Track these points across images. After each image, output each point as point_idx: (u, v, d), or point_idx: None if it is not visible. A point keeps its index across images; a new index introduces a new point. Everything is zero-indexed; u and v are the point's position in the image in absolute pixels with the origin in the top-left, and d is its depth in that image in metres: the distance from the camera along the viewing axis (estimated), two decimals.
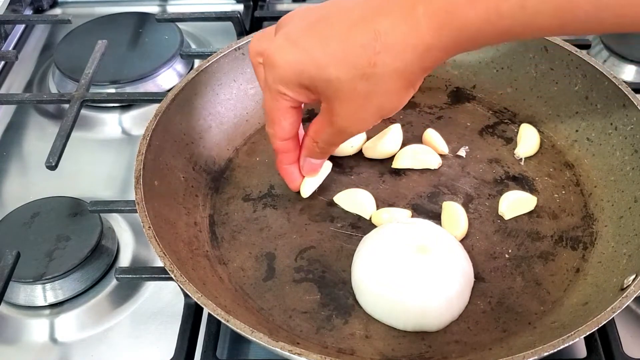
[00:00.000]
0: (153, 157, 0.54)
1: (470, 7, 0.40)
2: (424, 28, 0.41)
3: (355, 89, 0.44)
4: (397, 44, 0.42)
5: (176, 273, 0.45)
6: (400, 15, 0.42)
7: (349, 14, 0.44)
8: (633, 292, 0.43)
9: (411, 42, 0.42)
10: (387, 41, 0.42)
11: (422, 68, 0.44)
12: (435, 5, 0.41)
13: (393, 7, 0.42)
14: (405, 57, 0.42)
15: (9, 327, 0.55)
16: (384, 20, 0.42)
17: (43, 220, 0.59)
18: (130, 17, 0.83)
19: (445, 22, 0.41)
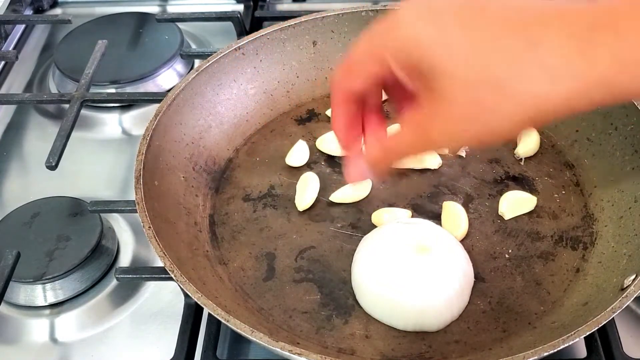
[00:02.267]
0: (153, 157, 0.54)
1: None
2: (602, 59, 0.34)
3: (479, 95, 0.36)
4: (558, 69, 0.35)
5: (176, 273, 0.45)
6: (571, 37, 0.34)
7: (506, 13, 0.36)
8: (633, 292, 0.43)
9: (577, 70, 0.34)
10: (541, 58, 0.35)
11: (570, 105, 0.36)
12: (626, 41, 0.33)
13: (564, 24, 0.35)
14: (562, 85, 0.35)
15: (9, 327, 0.55)
16: (549, 34, 0.35)
17: (43, 220, 0.59)
18: (130, 17, 0.83)
19: (629, 60, 0.34)
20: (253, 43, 0.63)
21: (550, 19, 0.36)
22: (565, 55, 0.34)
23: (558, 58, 0.34)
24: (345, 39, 0.66)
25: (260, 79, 0.65)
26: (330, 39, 0.66)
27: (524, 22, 0.36)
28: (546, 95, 0.35)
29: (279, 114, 0.65)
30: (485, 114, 0.37)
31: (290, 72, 0.66)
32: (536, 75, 0.35)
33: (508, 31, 0.36)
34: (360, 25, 0.66)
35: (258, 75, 0.64)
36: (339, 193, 0.57)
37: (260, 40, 0.64)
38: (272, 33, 0.64)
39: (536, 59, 0.35)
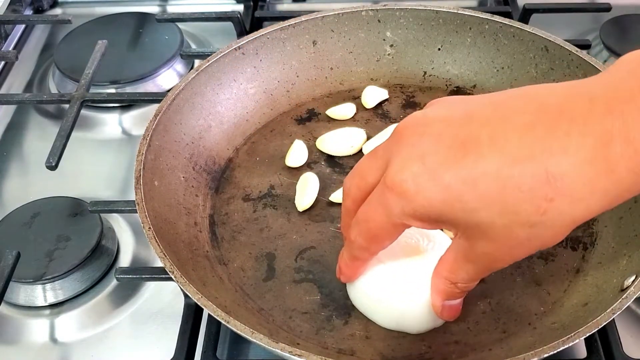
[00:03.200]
0: (153, 157, 0.54)
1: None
2: (622, 171, 0.34)
3: (513, 234, 0.37)
4: (578, 190, 0.34)
5: (176, 273, 0.45)
6: (585, 156, 0.34)
7: (507, 143, 0.35)
8: (633, 293, 0.43)
9: (601, 186, 0.34)
10: (564, 186, 0.34)
11: (602, 208, 0.36)
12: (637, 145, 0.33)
13: (571, 144, 0.34)
14: (589, 203, 0.35)
15: (9, 327, 0.55)
16: (560, 159, 0.34)
17: (43, 220, 0.59)
18: (130, 17, 0.83)
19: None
20: (253, 43, 0.63)
21: (561, 141, 0.34)
22: (588, 182, 0.34)
23: (582, 188, 0.35)
24: (345, 38, 0.66)
25: (260, 78, 0.65)
26: (330, 39, 0.66)
27: (531, 155, 0.35)
28: (580, 215, 0.36)
29: (279, 114, 0.65)
30: (526, 244, 0.38)
31: (290, 72, 0.66)
32: (566, 206, 0.35)
33: (521, 169, 0.35)
34: (361, 25, 0.66)
35: (258, 75, 0.64)
36: (339, 193, 0.57)
37: (260, 40, 0.64)
38: (272, 33, 0.64)
39: (558, 192, 0.35)
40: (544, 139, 0.35)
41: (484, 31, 0.64)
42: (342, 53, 0.67)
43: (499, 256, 0.39)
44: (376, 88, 0.66)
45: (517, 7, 0.81)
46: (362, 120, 0.64)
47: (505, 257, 0.39)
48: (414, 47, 0.67)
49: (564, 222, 0.36)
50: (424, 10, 0.65)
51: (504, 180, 0.35)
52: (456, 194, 0.36)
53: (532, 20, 0.75)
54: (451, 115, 0.38)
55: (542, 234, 0.37)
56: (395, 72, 0.67)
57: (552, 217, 0.35)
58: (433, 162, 0.37)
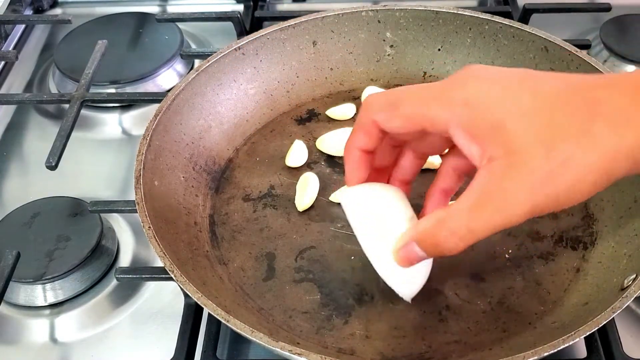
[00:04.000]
0: (153, 157, 0.54)
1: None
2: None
3: (554, 149, 0.36)
4: (619, 117, 0.36)
5: (176, 273, 0.45)
6: (628, 92, 0.36)
7: (566, 78, 0.38)
8: (633, 292, 0.43)
9: (637, 119, 0.36)
10: (609, 111, 0.36)
11: (633, 156, 0.36)
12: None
13: (618, 83, 0.37)
14: (624, 132, 0.35)
15: (9, 327, 0.55)
16: (607, 91, 0.37)
17: (43, 220, 0.59)
18: (130, 17, 0.83)
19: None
20: (253, 43, 0.63)
21: (609, 83, 0.38)
22: (625, 111, 0.36)
23: (620, 114, 0.36)
24: (345, 39, 0.66)
25: (260, 79, 0.65)
26: (330, 39, 0.66)
27: (585, 85, 0.37)
28: (615, 146, 0.36)
29: (279, 114, 0.65)
30: (566, 168, 0.36)
31: (290, 72, 0.66)
32: (606, 130, 0.36)
33: (573, 92, 0.37)
34: (361, 25, 0.66)
35: (258, 75, 0.64)
36: (339, 193, 0.57)
37: (260, 40, 0.64)
38: (272, 33, 0.64)
39: (602, 114, 0.36)
40: (598, 80, 0.38)
41: (483, 32, 0.64)
42: (342, 53, 0.67)
43: (520, 191, 0.36)
44: (376, 88, 0.66)
45: (517, 7, 0.81)
46: None
47: (525, 195, 0.36)
48: (413, 48, 0.67)
49: (599, 148, 0.36)
50: (424, 11, 0.65)
51: (561, 98, 0.37)
52: (515, 96, 0.37)
53: (532, 20, 0.75)
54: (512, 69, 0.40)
55: (579, 157, 0.36)
56: (395, 72, 0.67)
57: (592, 137, 0.36)
58: (498, 75, 0.39)
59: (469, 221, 0.37)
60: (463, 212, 0.38)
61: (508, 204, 0.37)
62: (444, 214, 0.39)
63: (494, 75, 0.39)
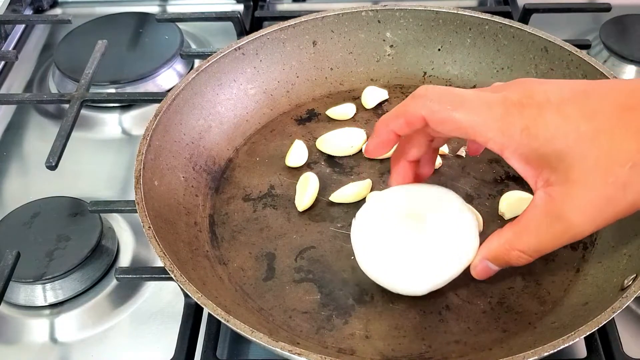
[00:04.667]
0: (153, 157, 0.54)
1: None
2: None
3: (612, 175, 0.38)
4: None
5: (176, 273, 0.45)
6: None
7: (619, 92, 0.39)
8: (633, 292, 0.43)
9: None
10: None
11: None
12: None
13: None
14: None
15: (9, 327, 0.55)
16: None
17: (43, 220, 0.59)
18: (130, 17, 0.83)
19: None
20: (253, 43, 0.63)
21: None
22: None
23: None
24: (345, 39, 0.66)
25: (260, 79, 0.65)
26: (330, 39, 0.66)
27: (635, 101, 0.38)
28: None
29: (279, 114, 0.65)
30: (623, 193, 0.38)
31: (290, 72, 0.66)
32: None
33: (626, 113, 0.38)
34: (361, 25, 0.66)
35: (258, 75, 0.64)
36: (339, 193, 0.57)
37: (260, 40, 0.64)
38: (272, 33, 0.64)
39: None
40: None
41: (483, 32, 0.64)
42: (342, 53, 0.67)
43: (590, 209, 0.38)
44: (376, 88, 0.66)
45: (517, 7, 0.81)
46: (362, 121, 0.64)
47: (590, 213, 0.39)
48: (413, 48, 0.67)
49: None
50: (424, 11, 0.65)
51: (616, 120, 0.38)
52: (573, 123, 0.38)
53: (532, 20, 0.75)
54: (567, 81, 0.42)
55: (638, 180, 0.37)
56: (395, 72, 0.67)
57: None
58: (557, 98, 0.39)
59: (537, 244, 0.42)
60: (531, 234, 0.42)
61: (571, 228, 0.40)
62: (512, 236, 0.43)
63: (550, 97, 0.40)
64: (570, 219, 0.40)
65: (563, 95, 0.40)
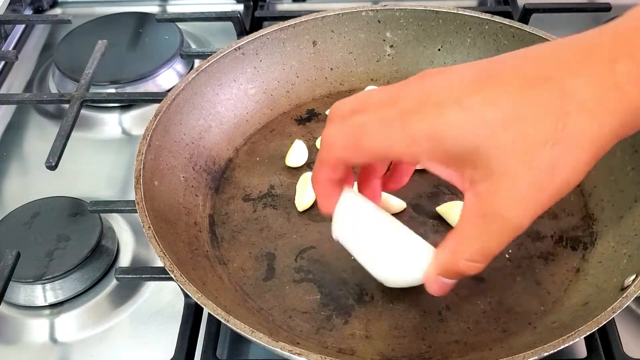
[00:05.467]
0: (153, 157, 0.54)
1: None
2: (628, 87, 0.35)
3: (535, 159, 0.35)
4: (592, 103, 0.35)
5: (176, 273, 0.45)
6: (594, 74, 0.35)
7: (524, 70, 0.37)
8: (633, 292, 0.43)
9: (610, 102, 0.35)
10: (579, 100, 0.35)
11: (617, 134, 0.36)
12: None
13: (580, 65, 0.36)
14: (602, 119, 0.35)
15: (9, 327, 0.55)
16: (573, 78, 0.35)
17: (43, 220, 0.59)
18: (130, 17, 0.83)
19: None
20: (253, 43, 0.63)
21: (570, 64, 0.36)
22: (597, 96, 0.35)
23: (592, 101, 0.35)
24: (345, 39, 0.66)
25: (260, 79, 0.65)
26: (330, 39, 0.66)
27: (545, 75, 0.36)
28: (597, 134, 0.35)
29: (279, 114, 0.65)
30: (550, 174, 0.36)
31: (290, 72, 0.66)
32: (583, 123, 0.35)
33: (535, 89, 0.36)
34: (361, 25, 0.66)
35: (258, 75, 0.64)
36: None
37: (260, 40, 0.64)
38: (272, 33, 0.64)
39: (573, 106, 0.35)
40: (558, 65, 0.36)
41: (483, 31, 0.64)
42: (342, 53, 0.67)
43: (520, 201, 0.36)
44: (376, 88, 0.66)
45: (517, 7, 0.81)
46: None
47: (526, 203, 0.37)
48: (413, 48, 0.67)
49: (582, 142, 0.35)
50: (424, 11, 0.65)
51: (524, 100, 0.36)
52: (478, 115, 0.36)
53: (532, 20, 0.75)
54: (470, 64, 0.40)
55: (563, 158, 0.35)
56: (395, 72, 0.67)
57: (570, 134, 0.35)
58: (457, 91, 0.37)
59: (481, 248, 0.39)
60: (472, 240, 0.39)
61: (508, 223, 0.37)
62: (455, 244, 0.40)
63: (450, 90, 0.38)
64: (504, 215, 0.37)
65: (463, 85, 0.37)
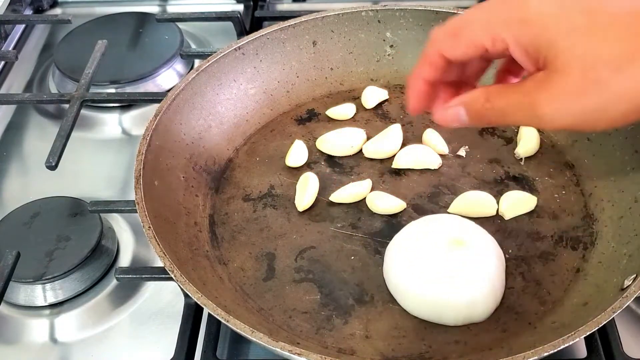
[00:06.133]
0: (153, 157, 0.54)
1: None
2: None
3: (593, 71, 0.37)
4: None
5: (176, 273, 0.45)
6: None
7: (628, 8, 0.38)
8: (633, 292, 0.43)
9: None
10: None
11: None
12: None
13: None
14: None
15: (9, 327, 0.55)
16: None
17: (43, 220, 0.59)
18: (130, 17, 0.83)
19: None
20: (253, 43, 0.63)
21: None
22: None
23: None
24: (345, 39, 0.66)
25: (260, 79, 0.65)
26: (330, 39, 0.66)
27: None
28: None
29: (279, 114, 0.65)
30: (598, 89, 0.37)
31: (290, 72, 0.66)
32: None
33: (629, 18, 0.37)
34: (361, 25, 0.66)
35: (258, 75, 0.64)
36: (339, 193, 0.57)
37: (260, 40, 0.64)
38: (272, 33, 0.64)
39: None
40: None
41: None
42: (342, 53, 0.67)
43: (561, 99, 0.38)
44: (376, 88, 0.66)
45: None
46: (362, 121, 0.64)
47: (564, 105, 0.38)
48: (414, 48, 0.67)
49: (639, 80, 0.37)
50: (424, 11, 0.65)
51: (615, 22, 0.37)
52: (570, 15, 0.38)
53: None
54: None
55: (618, 85, 0.37)
56: (395, 72, 0.67)
57: (635, 69, 0.36)
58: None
59: (506, 106, 0.41)
60: (505, 98, 0.41)
61: (538, 110, 0.39)
62: (493, 90, 0.42)
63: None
64: (539, 105, 0.39)
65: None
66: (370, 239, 0.54)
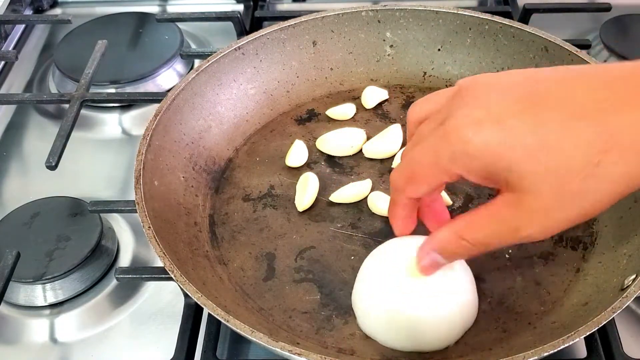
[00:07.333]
0: (153, 157, 0.54)
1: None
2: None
3: (564, 186, 0.37)
4: (633, 146, 0.36)
5: (176, 273, 0.45)
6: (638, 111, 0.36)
7: (570, 100, 0.37)
8: (633, 292, 0.43)
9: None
10: (619, 140, 0.36)
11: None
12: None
13: (628, 102, 0.36)
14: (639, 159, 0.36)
15: (9, 327, 0.55)
16: (619, 116, 0.36)
17: (43, 220, 0.59)
18: (130, 17, 0.83)
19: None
20: (253, 43, 0.63)
21: (619, 100, 0.36)
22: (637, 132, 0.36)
23: (634, 144, 0.36)
24: (345, 39, 0.66)
25: (260, 79, 0.65)
26: (330, 39, 0.66)
27: (593, 108, 0.36)
28: (630, 174, 0.36)
29: (279, 114, 0.65)
30: (578, 199, 0.37)
31: (290, 72, 0.66)
32: (618, 159, 0.36)
33: (578, 122, 0.36)
34: (361, 25, 0.66)
35: (258, 75, 0.64)
36: (339, 193, 0.57)
37: (260, 40, 0.64)
38: (272, 33, 0.64)
39: (613, 145, 0.36)
40: (607, 99, 0.36)
41: (483, 32, 0.64)
42: (342, 53, 0.67)
43: (538, 217, 0.38)
44: (376, 88, 0.66)
45: (517, 7, 0.81)
46: (362, 121, 0.64)
47: (542, 220, 0.38)
48: (413, 48, 0.67)
49: (614, 178, 0.36)
50: (424, 11, 0.65)
51: (565, 130, 0.36)
52: (517, 137, 0.37)
53: (532, 20, 0.75)
54: (515, 78, 0.40)
55: (590, 190, 0.37)
56: (395, 72, 0.67)
57: (604, 170, 0.36)
58: (498, 110, 0.38)
59: (485, 237, 0.41)
60: (481, 228, 0.41)
61: (520, 232, 0.39)
62: (462, 227, 0.41)
63: (491, 108, 0.38)
64: (519, 227, 0.39)
65: (506, 103, 0.38)
66: (370, 239, 0.54)
